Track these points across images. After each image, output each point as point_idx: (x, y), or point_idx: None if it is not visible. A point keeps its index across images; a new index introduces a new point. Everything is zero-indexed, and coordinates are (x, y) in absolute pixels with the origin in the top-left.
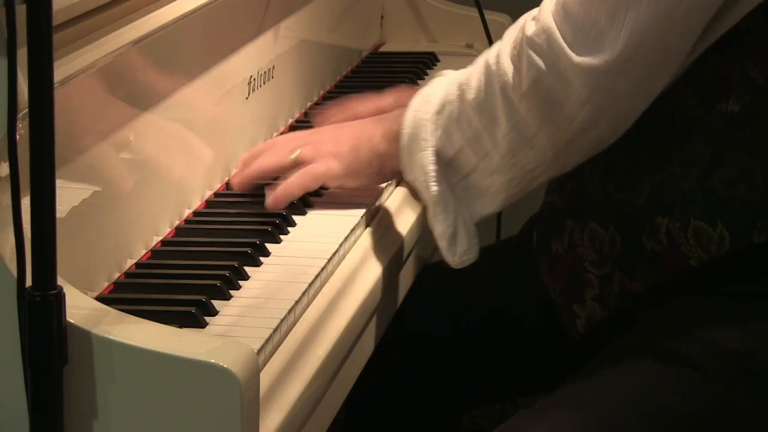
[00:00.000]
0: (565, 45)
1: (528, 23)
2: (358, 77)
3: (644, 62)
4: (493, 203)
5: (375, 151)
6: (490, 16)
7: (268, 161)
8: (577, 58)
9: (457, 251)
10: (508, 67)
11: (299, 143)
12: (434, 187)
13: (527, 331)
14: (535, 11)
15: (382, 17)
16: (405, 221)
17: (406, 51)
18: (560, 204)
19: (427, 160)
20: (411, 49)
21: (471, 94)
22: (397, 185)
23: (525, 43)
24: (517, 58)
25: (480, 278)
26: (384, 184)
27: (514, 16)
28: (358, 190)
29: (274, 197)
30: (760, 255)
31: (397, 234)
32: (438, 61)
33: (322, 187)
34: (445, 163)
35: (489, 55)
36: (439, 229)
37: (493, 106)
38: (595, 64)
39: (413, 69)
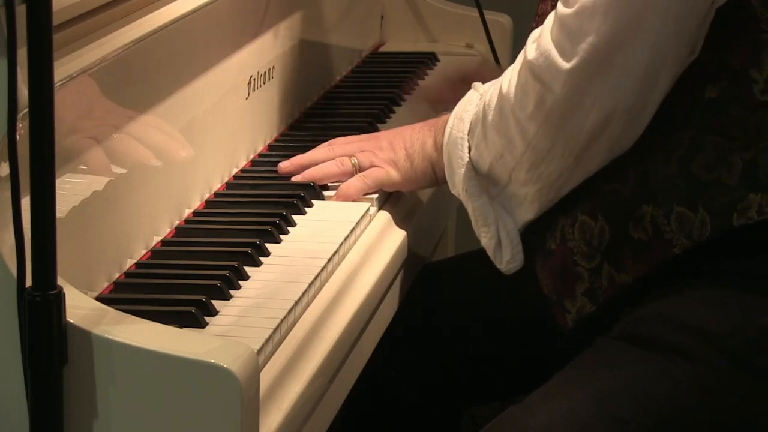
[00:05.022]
0: (561, 60)
1: (529, 47)
2: (358, 77)
3: (633, 60)
4: (532, 211)
5: (428, 159)
6: (490, 16)
7: (332, 168)
8: (567, 65)
9: (503, 260)
10: (515, 91)
11: (356, 149)
12: (473, 203)
13: (528, 330)
14: (538, 32)
15: (382, 17)
16: (405, 221)
17: (406, 51)
18: None
19: (465, 177)
20: (411, 49)
21: (490, 116)
22: None
23: (526, 68)
24: (523, 80)
25: (480, 278)
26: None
27: (514, 16)
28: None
29: (336, 198)
30: (738, 237)
31: (397, 234)
32: (438, 61)
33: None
34: (483, 177)
35: (503, 78)
36: (484, 241)
37: (507, 127)
38: (583, 65)
39: (413, 69)
